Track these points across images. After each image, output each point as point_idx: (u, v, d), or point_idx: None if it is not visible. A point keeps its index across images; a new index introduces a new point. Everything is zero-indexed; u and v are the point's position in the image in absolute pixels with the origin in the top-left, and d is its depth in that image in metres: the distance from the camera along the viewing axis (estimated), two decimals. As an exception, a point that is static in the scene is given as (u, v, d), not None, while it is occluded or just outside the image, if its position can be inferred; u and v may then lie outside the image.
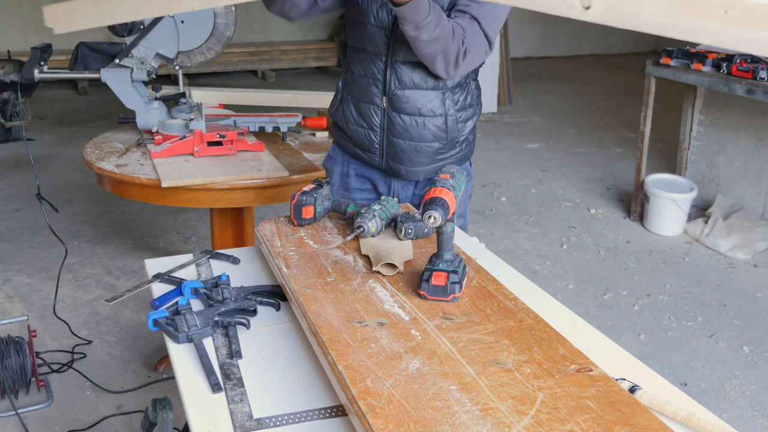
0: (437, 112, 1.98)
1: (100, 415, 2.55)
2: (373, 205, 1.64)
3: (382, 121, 2.01)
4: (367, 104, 2.01)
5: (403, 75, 1.94)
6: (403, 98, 1.96)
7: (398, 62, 1.93)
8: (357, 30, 1.97)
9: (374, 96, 2.00)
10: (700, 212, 4.30)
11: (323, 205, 1.71)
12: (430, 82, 1.95)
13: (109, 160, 2.43)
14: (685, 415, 1.12)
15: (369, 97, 2.00)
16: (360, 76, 2.01)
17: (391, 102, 1.98)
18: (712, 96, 4.35)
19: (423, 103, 1.97)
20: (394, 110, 1.98)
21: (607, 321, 3.24)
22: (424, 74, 1.94)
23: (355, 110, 2.04)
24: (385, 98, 1.98)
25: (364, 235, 1.57)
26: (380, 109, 2.00)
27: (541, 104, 7.16)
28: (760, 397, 2.72)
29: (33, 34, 7.76)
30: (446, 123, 2.00)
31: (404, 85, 1.95)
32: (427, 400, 1.06)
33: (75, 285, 3.47)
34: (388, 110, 1.99)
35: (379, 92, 1.99)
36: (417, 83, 1.94)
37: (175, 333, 1.33)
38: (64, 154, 5.42)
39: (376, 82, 1.98)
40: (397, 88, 1.96)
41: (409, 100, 1.96)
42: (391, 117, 1.99)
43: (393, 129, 2.00)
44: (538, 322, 1.29)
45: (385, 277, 1.46)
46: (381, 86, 1.97)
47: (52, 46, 2.76)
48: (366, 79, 1.99)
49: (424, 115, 1.97)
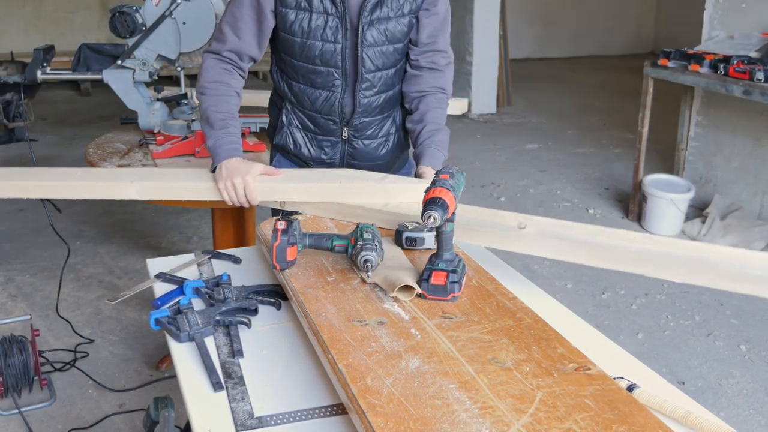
0: (392, 130, 2.00)
1: (102, 413, 2.56)
2: (363, 235, 1.49)
3: (342, 149, 1.98)
4: (324, 137, 1.96)
5: (366, 105, 1.92)
6: (366, 126, 1.96)
7: (363, 96, 1.89)
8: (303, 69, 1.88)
9: (333, 129, 1.95)
10: (698, 212, 4.32)
11: (302, 243, 1.52)
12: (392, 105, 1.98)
13: (111, 161, 2.44)
14: (683, 414, 1.13)
15: (327, 130, 1.95)
16: (313, 113, 1.93)
17: (354, 131, 1.95)
18: (710, 97, 4.37)
19: (381, 126, 1.98)
20: (357, 138, 1.96)
21: (605, 320, 3.25)
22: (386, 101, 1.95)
23: (310, 143, 1.98)
24: (347, 129, 1.94)
25: (374, 268, 1.45)
26: (341, 140, 1.97)
27: (540, 105, 7.17)
28: (756, 395, 2.73)
29: (36, 35, 7.77)
30: (399, 138, 2.02)
31: (367, 114, 1.94)
32: (426, 398, 1.07)
33: (77, 284, 3.49)
34: (350, 139, 1.96)
35: (338, 125, 1.94)
36: (381, 110, 1.96)
37: (177, 332, 1.34)
38: (67, 155, 5.43)
39: (334, 117, 1.92)
40: (361, 118, 1.93)
41: (372, 126, 1.96)
42: (354, 145, 1.97)
43: (354, 154, 1.99)
44: (537, 321, 1.30)
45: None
46: (341, 120, 1.93)
47: (55, 48, 2.78)
48: (321, 115, 1.93)
49: (383, 135, 1.99)
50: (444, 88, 1.95)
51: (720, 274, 1.31)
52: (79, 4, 7.95)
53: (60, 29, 7.88)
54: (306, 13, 1.79)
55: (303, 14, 1.79)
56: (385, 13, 1.81)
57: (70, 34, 7.85)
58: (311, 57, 1.84)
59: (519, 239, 1.55)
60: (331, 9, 1.79)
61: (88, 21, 8.00)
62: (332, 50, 1.82)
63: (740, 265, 1.30)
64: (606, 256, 1.43)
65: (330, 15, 1.79)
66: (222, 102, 1.85)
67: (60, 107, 6.92)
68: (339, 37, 1.81)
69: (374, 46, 1.83)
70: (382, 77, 1.89)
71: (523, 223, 1.56)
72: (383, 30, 1.82)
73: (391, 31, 1.83)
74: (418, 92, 1.94)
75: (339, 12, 1.79)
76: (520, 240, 1.55)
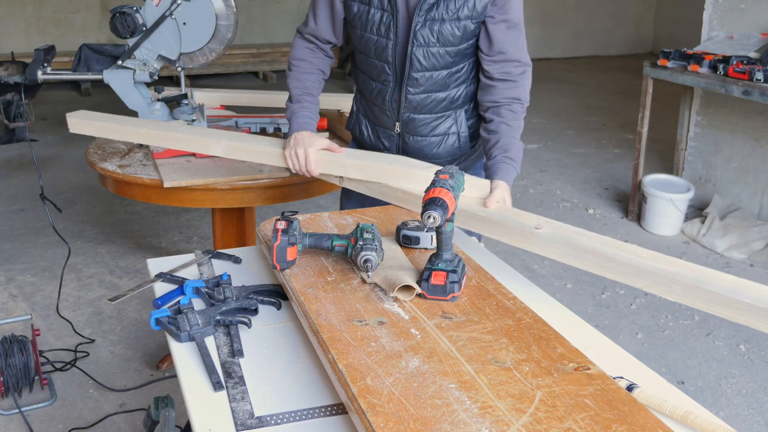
0: (450, 131, 2.01)
1: (102, 413, 2.57)
2: (363, 235, 1.49)
3: (397, 143, 2.06)
4: (381, 128, 2.06)
5: (417, 104, 1.96)
6: (417, 123, 1.99)
7: (410, 94, 1.95)
8: (364, 61, 2.00)
9: (387, 121, 2.03)
10: (697, 212, 4.32)
11: (302, 243, 1.52)
12: (445, 106, 1.98)
13: (112, 161, 2.45)
14: (682, 413, 1.13)
15: (382, 122, 2.05)
16: (372, 104, 2.04)
17: (405, 126, 2.01)
18: (709, 97, 4.37)
19: (435, 125, 2.00)
20: (408, 133, 2.02)
21: (605, 320, 3.25)
22: (437, 102, 1.97)
23: (371, 132, 2.09)
24: (399, 124, 2.01)
25: (374, 268, 1.45)
26: (395, 133, 2.04)
27: (540, 105, 7.17)
28: (756, 395, 2.74)
29: (36, 35, 7.77)
30: (459, 140, 2.03)
31: (416, 111, 1.98)
32: (426, 398, 1.07)
33: (78, 284, 3.49)
34: (403, 133, 2.03)
35: (392, 119, 2.02)
36: (431, 109, 1.98)
37: (177, 332, 1.34)
38: (68, 155, 5.43)
39: (387, 111, 2.01)
40: (411, 115, 1.98)
41: (423, 125, 2.00)
42: (406, 140, 2.04)
43: (407, 149, 2.05)
44: (537, 321, 1.31)
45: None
46: (393, 114, 2.00)
47: (56, 48, 2.78)
48: (377, 107, 2.03)
49: (438, 135, 2.01)
50: (519, 98, 1.93)
51: (713, 299, 1.33)
52: (79, 5, 7.95)
53: (60, 30, 7.88)
54: (366, 6, 1.89)
55: (364, 7, 1.90)
56: (439, 14, 1.83)
57: (71, 35, 7.85)
58: (368, 49, 1.94)
59: (532, 239, 1.59)
60: (386, 5, 1.86)
61: (89, 21, 8.00)
62: (384, 45, 1.90)
63: (733, 293, 1.31)
64: (609, 265, 1.48)
65: (385, 11, 1.87)
66: (302, 78, 2.04)
67: (60, 107, 6.91)
68: (390, 33, 1.88)
69: (424, 46, 1.87)
70: (430, 77, 1.92)
71: (541, 225, 1.59)
72: (435, 31, 1.85)
73: (444, 34, 1.85)
74: (492, 102, 1.94)
75: (392, 9, 1.86)
76: (533, 240, 1.59)
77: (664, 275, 1.39)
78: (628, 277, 1.45)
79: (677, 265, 1.43)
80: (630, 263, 1.44)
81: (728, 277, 1.37)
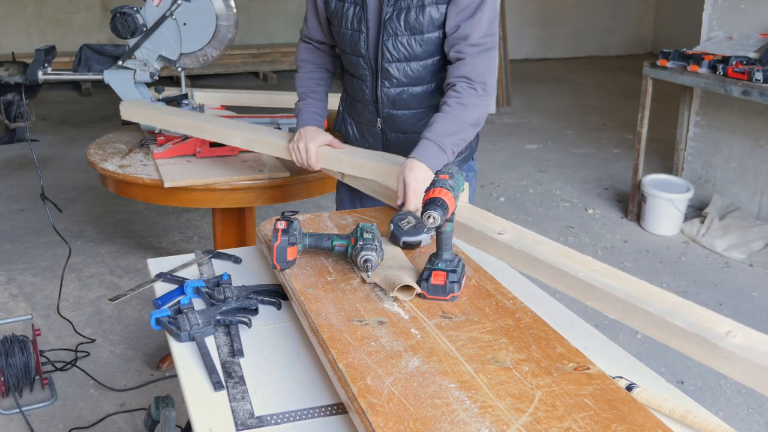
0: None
1: (103, 413, 2.57)
2: (363, 235, 1.48)
3: (381, 139, 2.07)
4: (365, 125, 2.08)
5: (394, 98, 1.97)
6: (397, 119, 2.00)
7: (386, 87, 1.96)
8: (344, 58, 2.03)
9: (369, 118, 2.04)
10: (697, 212, 4.33)
11: (302, 243, 1.52)
12: (423, 101, 1.97)
13: (112, 161, 2.45)
14: (682, 413, 1.14)
15: (365, 118, 2.06)
16: (355, 101, 2.07)
17: (386, 122, 2.02)
18: (709, 97, 4.37)
19: (416, 120, 1.99)
20: (390, 130, 2.03)
21: (604, 320, 3.26)
22: (414, 96, 1.96)
23: (356, 130, 2.12)
24: (380, 120, 2.02)
25: (374, 268, 1.45)
26: (378, 130, 2.05)
27: (540, 105, 7.18)
28: (755, 394, 2.74)
29: (37, 35, 7.77)
30: None
31: (395, 107, 1.98)
32: (426, 398, 1.07)
33: (78, 284, 3.50)
34: (385, 130, 2.04)
35: (373, 115, 2.03)
36: (408, 104, 1.97)
37: (178, 332, 1.34)
38: (68, 155, 5.43)
39: (368, 106, 2.02)
40: (390, 110, 1.99)
41: (403, 120, 2.00)
42: (388, 136, 2.05)
43: (390, 146, 2.05)
44: (537, 320, 1.31)
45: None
46: (374, 109, 2.01)
47: (56, 48, 2.78)
48: (360, 103, 2.04)
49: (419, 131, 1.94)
50: (468, 76, 1.82)
51: (650, 321, 1.26)
52: (80, 5, 7.95)
53: (61, 30, 7.88)
54: (341, 2, 1.91)
55: (339, 3, 1.91)
56: (406, 3, 1.83)
57: (71, 35, 7.85)
58: (344, 44, 1.96)
59: (493, 244, 1.56)
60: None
61: (89, 22, 8.01)
62: (357, 39, 1.91)
63: (670, 315, 1.23)
64: (560, 278, 1.42)
65: (357, 5, 1.88)
66: (306, 78, 2.11)
67: (61, 108, 6.92)
68: (362, 26, 1.89)
69: (393, 36, 1.87)
70: (403, 70, 1.91)
71: (505, 230, 1.57)
72: (402, 20, 1.85)
73: (410, 22, 1.85)
74: (446, 85, 1.88)
75: (362, 2, 1.87)
76: (494, 245, 1.56)
77: (606, 291, 1.33)
78: (575, 290, 1.38)
79: (623, 281, 1.35)
80: (576, 277, 1.38)
81: (674, 298, 1.28)
